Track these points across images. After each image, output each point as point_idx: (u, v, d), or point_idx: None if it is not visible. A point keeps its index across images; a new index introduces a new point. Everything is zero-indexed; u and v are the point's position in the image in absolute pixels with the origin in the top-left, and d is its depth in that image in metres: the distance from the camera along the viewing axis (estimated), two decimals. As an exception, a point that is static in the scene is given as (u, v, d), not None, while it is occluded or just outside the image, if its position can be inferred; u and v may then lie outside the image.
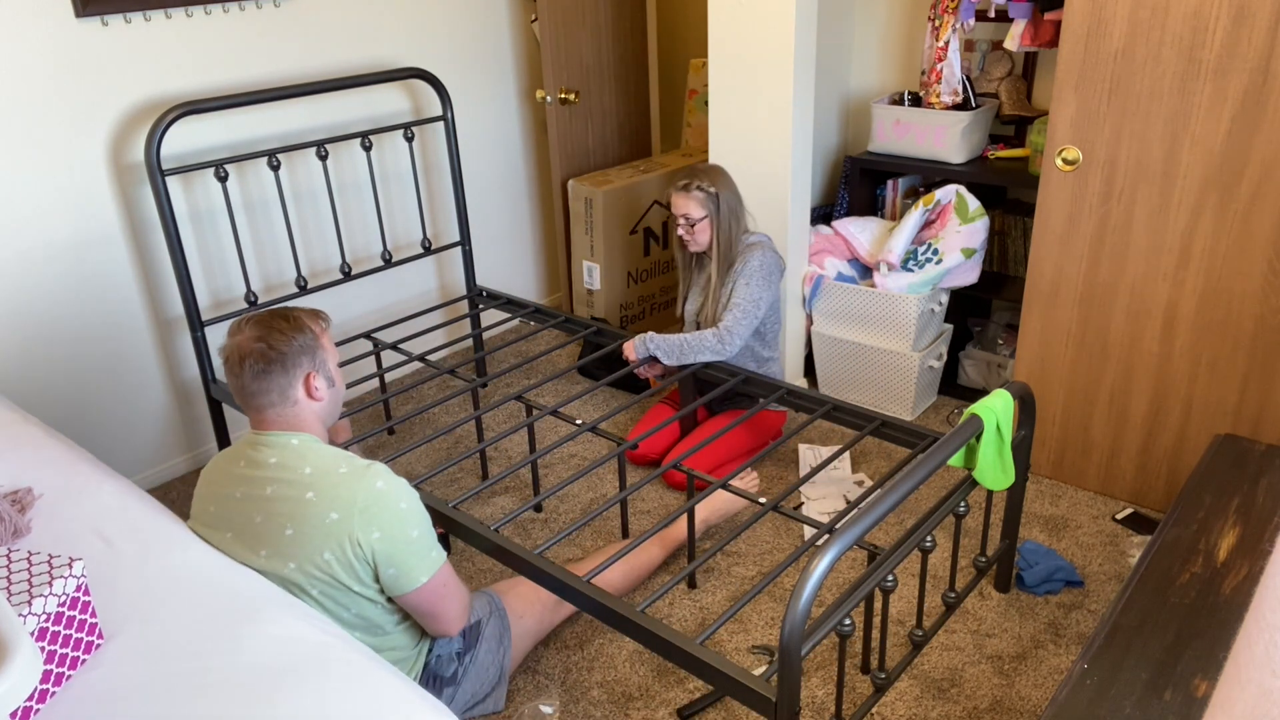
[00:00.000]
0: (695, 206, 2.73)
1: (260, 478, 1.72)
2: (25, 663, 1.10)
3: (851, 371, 3.18)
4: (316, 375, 1.78)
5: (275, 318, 1.77)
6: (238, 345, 1.75)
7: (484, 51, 3.56)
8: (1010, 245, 3.22)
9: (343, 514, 1.65)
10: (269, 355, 1.73)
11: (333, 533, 1.65)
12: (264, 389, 1.74)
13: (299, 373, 1.76)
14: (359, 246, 3.35)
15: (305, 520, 1.66)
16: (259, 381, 1.73)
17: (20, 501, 1.77)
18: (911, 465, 1.74)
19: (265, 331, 1.75)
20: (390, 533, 1.67)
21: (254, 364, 1.73)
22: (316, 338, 1.79)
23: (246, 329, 1.76)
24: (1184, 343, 2.44)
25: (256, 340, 1.73)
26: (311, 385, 1.77)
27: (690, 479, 2.26)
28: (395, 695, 1.34)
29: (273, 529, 1.69)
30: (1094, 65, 2.34)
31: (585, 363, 2.75)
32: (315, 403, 1.79)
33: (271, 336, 1.74)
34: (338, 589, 1.70)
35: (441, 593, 1.77)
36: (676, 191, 2.77)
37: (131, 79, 2.66)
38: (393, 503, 1.68)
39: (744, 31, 2.85)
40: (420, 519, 1.72)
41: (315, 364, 1.78)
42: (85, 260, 2.68)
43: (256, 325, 1.76)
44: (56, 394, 2.71)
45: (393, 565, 1.69)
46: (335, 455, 1.74)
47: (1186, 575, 1.81)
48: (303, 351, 1.76)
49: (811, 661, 2.16)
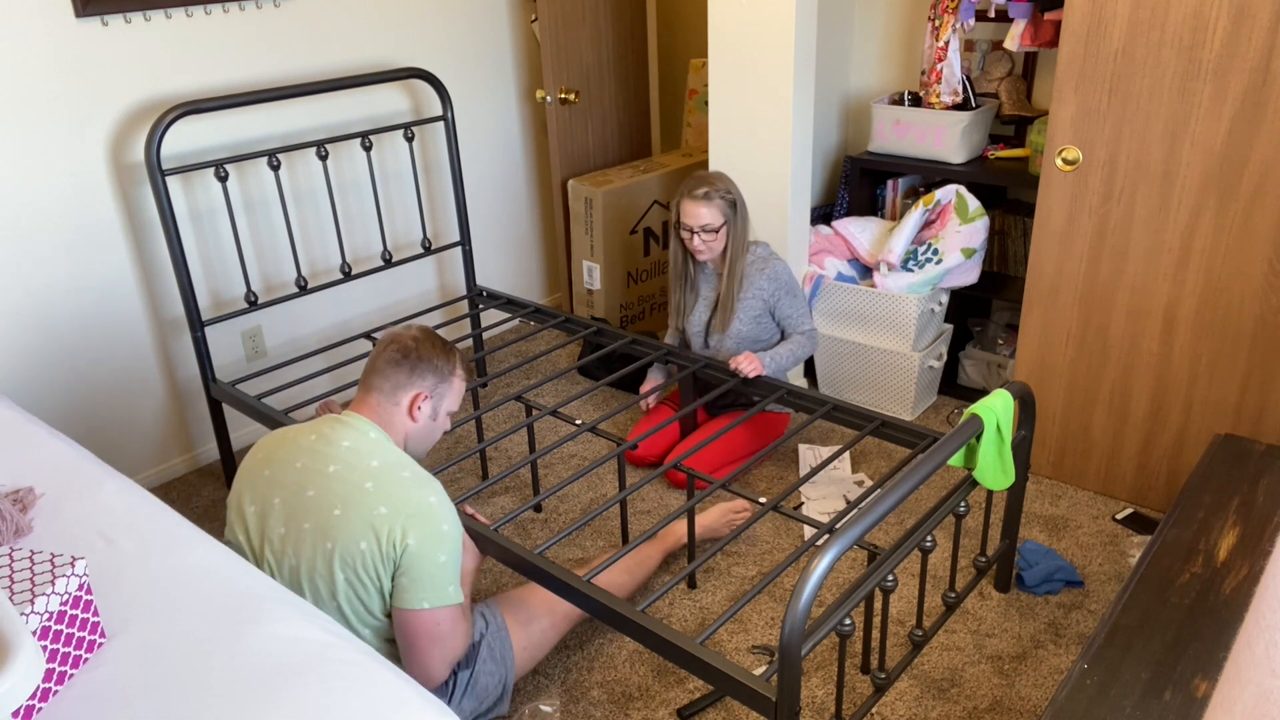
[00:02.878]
0: (715, 215, 2.66)
1: (327, 454, 1.77)
2: (27, 662, 1.10)
3: (851, 371, 3.19)
4: (427, 400, 1.88)
5: (437, 338, 1.92)
6: (397, 332, 1.90)
7: (484, 51, 3.56)
8: (1010, 245, 3.22)
9: (391, 511, 1.70)
10: (409, 350, 1.86)
11: (376, 525, 1.69)
12: (386, 374, 1.85)
13: (416, 386, 1.86)
14: (359, 246, 3.35)
15: (357, 506, 1.71)
16: (388, 367, 1.85)
17: (22, 501, 1.77)
18: (911, 465, 1.74)
19: (424, 336, 1.90)
20: (423, 547, 1.69)
21: (395, 351, 1.86)
22: (451, 373, 1.92)
23: (414, 328, 1.92)
24: (1184, 343, 2.44)
25: (413, 337, 1.88)
26: (417, 404, 1.87)
27: (690, 479, 2.26)
28: (396, 695, 1.34)
29: (323, 505, 1.73)
30: (1094, 65, 2.34)
31: (585, 363, 2.75)
32: (410, 422, 1.88)
33: (423, 346, 1.88)
34: (364, 580, 1.72)
35: (436, 631, 1.73)
36: (692, 200, 2.66)
37: (131, 79, 2.66)
38: (437, 520, 1.72)
39: (744, 31, 2.86)
40: (453, 548, 1.74)
41: (434, 391, 1.89)
42: (85, 260, 2.68)
43: (423, 332, 1.91)
44: (57, 394, 2.71)
45: (407, 575, 1.70)
46: (404, 460, 1.80)
47: (1186, 575, 1.81)
48: (433, 372, 1.88)
49: (811, 661, 2.16)
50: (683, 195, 2.70)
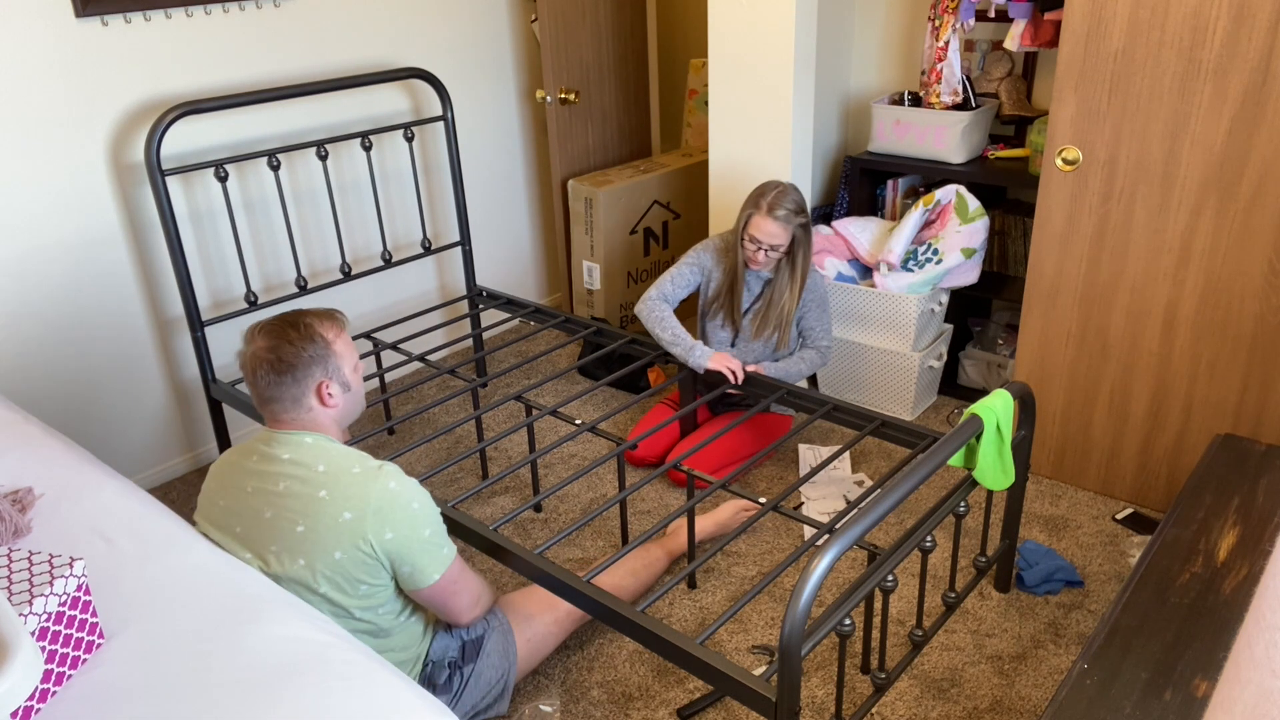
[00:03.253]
0: (787, 237, 2.63)
1: (273, 473, 1.74)
2: (26, 662, 1.10)
3: (851, 371, 3.18)
4: (330, 383, 1.79)
5: (286, 326, 1.77)
6: (251, 354, 1.76)
7: (484, 51, 3.56)
8: (1010, 245, 3.22)
9: (356, 514, 1.67)
10: (279, 367, 1.74)
11: (346, 532, 1.67)
12: (277, 396, 1.76)
13: (311, 383, 1.77)
14: (359, 246, 3.35)
15: (318, 518, 1.68)
16: (272, 389, 1.75)
17: (21, 501, 1.77)
18: (911, 465, 1.74)
19: (276, 342, 1.75)
20: (403, 533, 1.70)
21: (265, 374, 1.75)
22: (329, 345, 1.79)
23: (259, 338, 1.76)
24: (1184, 343, 2.44)
25: (268, 351, 1.75)
26: (324, 393, 1.79)
27: (690, 479, 2.26)
28: (396, 695, 1.34)
29: (283, 525, 1.71)
30: (1094, 65, 2.34)
31: (585, 363, 2.75)
32: (329, 409, 1.81)
33: (281, 348, 1.74)
34: (347, 586, 1.71)
35: (453, 589, 1.80)
36: (770, 220, 2.60)
37: (131, 79, 2.66)
38: (405, 503, 1.71)
39: (744, 31, 2.85)
40: (431, 518, 1.75)
41: (328, 372, 1.79)
42: (85, 260, 2.68)
43: (268, 334, 1.76)
44: (57, 394, 2.71)
45: (407, 564, 1.72)
46: (348, 454, 1.76)
47: (1186, 575, 1.81)
48: (314, 362, 1.76)
49: (811, 661, 2.16)
50: (758, 209, 2.62)
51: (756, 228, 2.63)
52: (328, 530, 1.68)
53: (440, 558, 1.76)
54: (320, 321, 1.80)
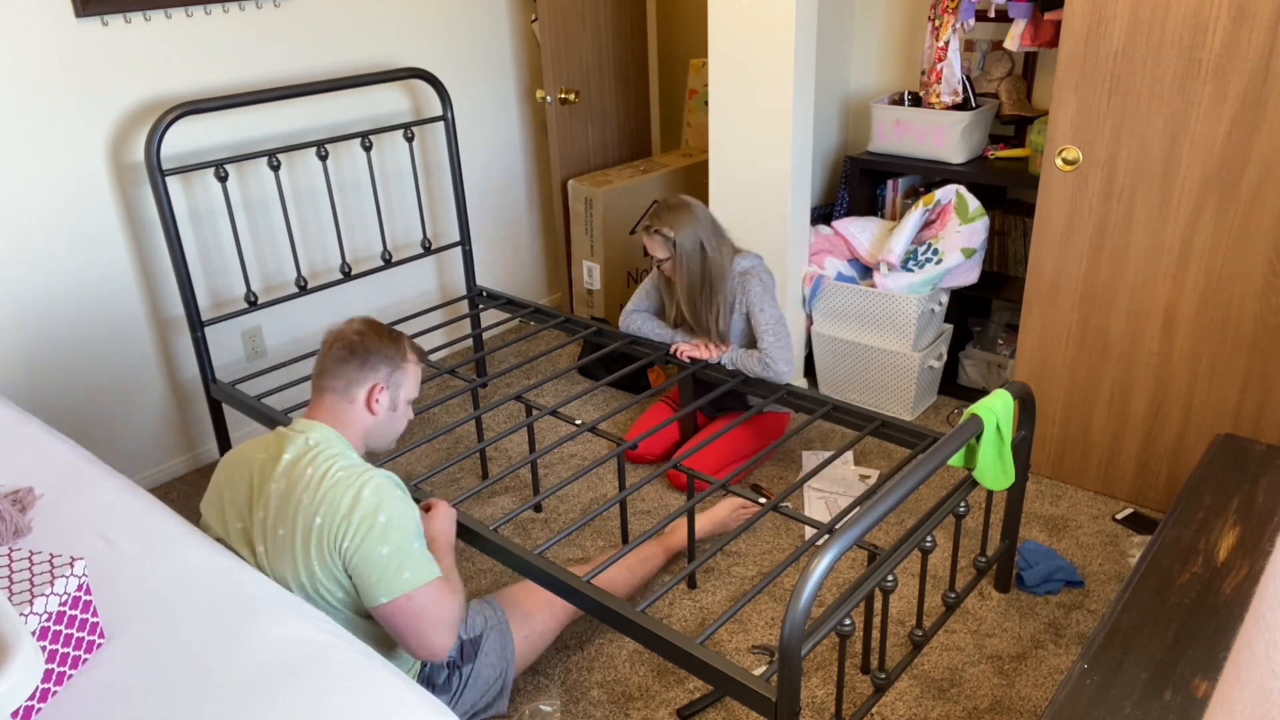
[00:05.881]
0: (661, 248, 2.72)
1: (272, 474, 1.74)
2: (26, 662, 1.10)
3: (851, 371, 3.18)
4: (384, 391, 1.84)
5: (382, 327, 1.89)
6: (340, 329, 1.86)
7: (484, 51, 3.56)
8: (1010, 245, 3.22)
9: (325, 520, 1.65)
10: (355, 346, 1.82)
11: (315, 537, 1.66)
12: (336, 373, 1.81)
13: (370, 378, 1.82)
14: (359, 246, 3.35)
15: (295, 522, 1.68)
16: (336, 365, 1.81)
17: (21, 501, 1.77)
18: (911, 465, 1.74)
19: (369, 328, 1.86)
20: (361, 546, 1.63)
21: (340, 348, 1.82)
22: (404, 361, 1.88)
23: (356, 322, 1.87)
24: (1184, 343, 2.44)
25: (355, 333, 1.84)
26: (374, 396, 1.83)
27: (690, 479, 2.26)
28: (396, 695, 1.34)
29: (269, 527, 1.71)
30: (1094, 65, 2.34)
31: (585, 363, 2.75)
32: (370, 415, 1.84)
33: (368, 337, 1.84)
34: (320, 592, 1.69)
35: (407, 616, 1.66)
36: (644, 233, 2.77)
37: (131, 79, 2.66)
38: (371, 514, 1.64)
39: (744, 31, 2.85)
40: (396, 535, 1.65)
41: (389, 381, 1.85)
42: (85, 260, 2.68)
43: (364, 323, 1.87)
44: (57, 394, 2.71)
45: (359, 577, 1.65)
46: (340, 459, 1.73)
47: (1186, 575, 1.81)
48: (384, 362, 1.84)
49: (811, 661, 2.16)
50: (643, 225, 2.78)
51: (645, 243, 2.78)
52: (302, 534, 1.66)
53: (395, 580, 1.63)
54: (409, 344, 1.92)
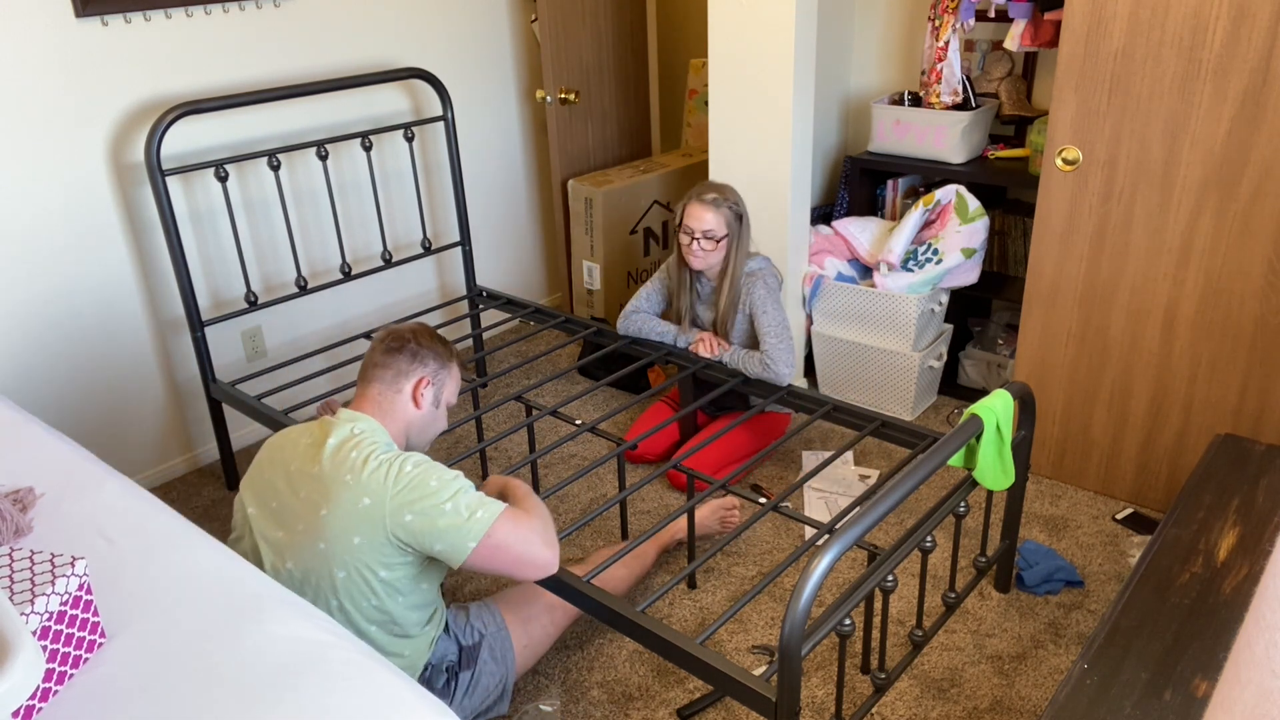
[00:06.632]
0: (721, 224, 2.62)
1: (316, 455, 1.78)
2: (27, 661, 1.10)
3: (851, 371, 3.19)
4: (429, 385, 1.91)
5: (434, 330, 1.97)
6: (392, 327, 1.94)
7: (484, 51, 3.56)
8: (1010, 245, 3.22)
9: (375, 500, 1.69)
10: (406, 339, 1.90)
11: (364, 518, 1.69)
12: (385, 364, 1.87)
13: (419, 372, 1.89)
14: (359, 246, 3.35)
15: (339, 503, 1.71)
16: (386, 356, 1.88)
17: (22, 501, 1.77)
18: (911, 465, 1.74)
19: (420, 328, 1.94)
20: (422, 510, 1.68)
21: (392, 342, 1.89)
22: (449, 362, 1.96)
23: (411, 324, 1.96)
24: (1184, 343, 2.44)
25: (410, 329, 1.92)
26: (420, 390, 1.89)
27: (690, 479, 2.26)
28: (396, 695, 1.34)
29: (311, 508, 1.74)
30: (1094, 65, 2.34)
31: (585, 363, 2.75)
32: (414, 409, 1.90)
33: (421, 334, 1.92)
34: (364, 573, 1.72)
35: (496, 552, 1.70)
36: (700, 203, 2.62)
37: (131, 79, 2.66)
38: (421, 483, 1.70)
39: (744, 31, 2.86)
40: (449, 488, 1.70)
41: (435, 377, 1.92)
42: (85, 260, 2.68)
43: (418, 323, 1.97)
44: (57, 394, 2.71)
45: (438, 541, 1.68)
46: (380, 444, 1.79)
47: (1186, 575, 1.81)
48: (431, 359, 1.91)
49: (811, 661, 2.16)
50: (690, 198, 2.67)
51: (689, 215, 2.67)
52: (346, 515, 1.70)
53: (472, 527, 1.67)
54: (453, 350, 1.99)
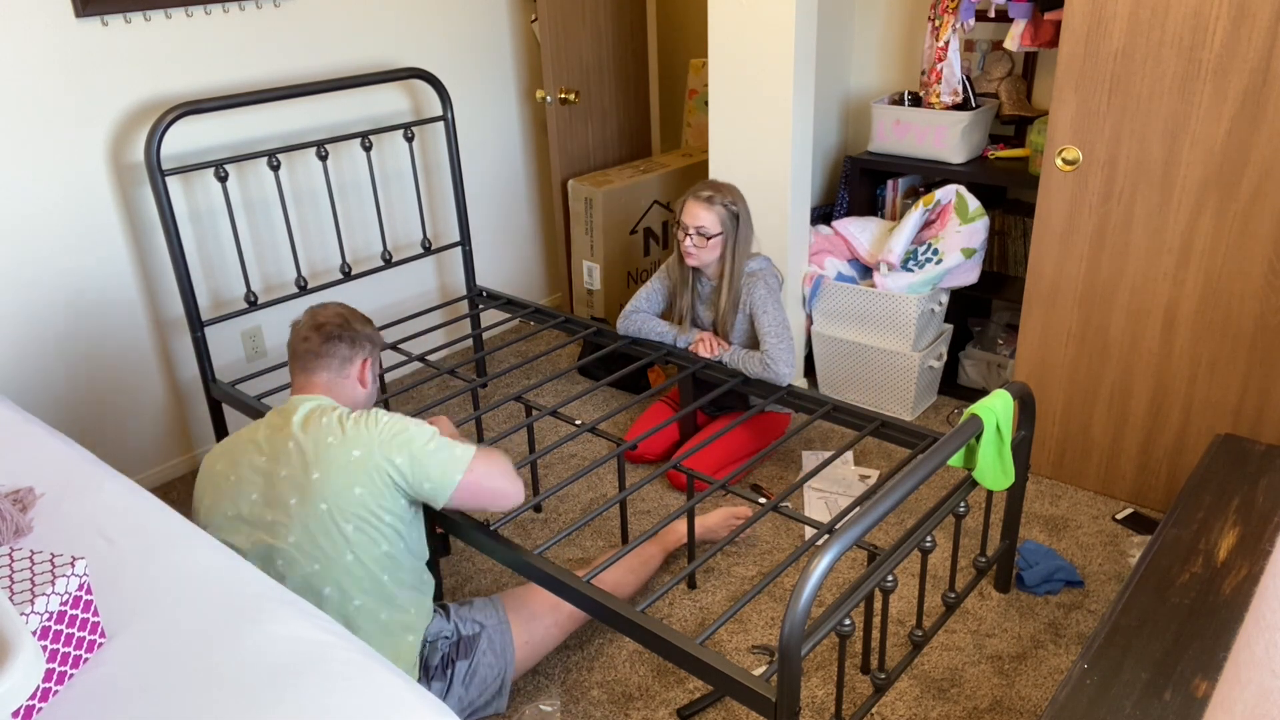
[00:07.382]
0: (714, 221, 2.65)
1: (283, 437, 1.86)
2: (27, 661, 1.10)
3: (851, 371, 3.19)
4: (370, 365, 2.03)
5: (354, 310, 2.06)
6: (316, 314, 2.00)
7: (484, 51, 3.56)
8: (1010, 245, 3.22)
9: (364, 451, 1.81)
10: (340, 326, 1.98)
11: (359, 468, 1.80)
12: (329, 352, 1.96)
13: (361, 354, 2.01)
14: (359, 246, 3.35)
15: (330, 462, 1.79)
16: (328, 345, 1.96)
17: (22, 501, 1.77)
18: (911, 465, 1.74)
19: (349, 313, 2.03)
20: (410, 451, 1.82)
21: (331, 329, 1.96)
22: (377, 337, 2.07)
23: (331, 307, 2.03)
24: (1184, 343, 2.44)
25: (338, 315, 2.00)
26: (365, 370, 2.02)
27: (690, 479, 2.26)
28: (396, 695, 1.34)
29: (300, 476, 1.81)
30: (1094, 65, 2.34)
31: (585, 363, 2.75)
32: (361, 389, 2.02)
33: (353, 320, 2.01)
34: (371, 521, 1.81)
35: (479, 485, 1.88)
36: (696, 201, 2.65)
37: (131, 79, 2.66)
38: (400, 428, 1.85)
39: (744, 31, 2.86)
40: (427, 434, 1.86)
41: (372, 357, 2.04)
42: (85, 260, 2.68)
43: (341, 306, 2.04)
44: (57, 394, 2.71)
45: (427, 478, 1.83)
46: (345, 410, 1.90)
47: (1186, 575, 1.81)
48: (369, 341, 2.03)
49: (811, 661, 2.16)
50: (688, 194, 2.71)
51: (684, 210, 2.70)
52: (341, 470, 1.79)
53: (453, 458, 1.84)
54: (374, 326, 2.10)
